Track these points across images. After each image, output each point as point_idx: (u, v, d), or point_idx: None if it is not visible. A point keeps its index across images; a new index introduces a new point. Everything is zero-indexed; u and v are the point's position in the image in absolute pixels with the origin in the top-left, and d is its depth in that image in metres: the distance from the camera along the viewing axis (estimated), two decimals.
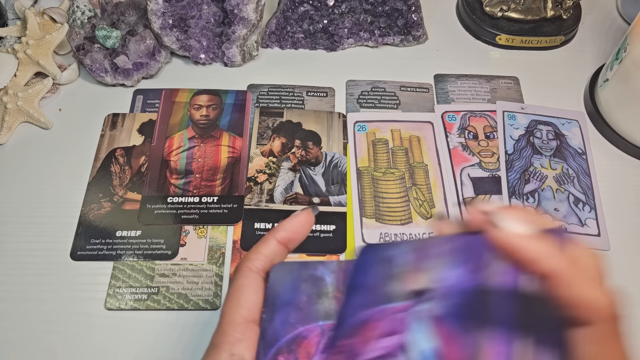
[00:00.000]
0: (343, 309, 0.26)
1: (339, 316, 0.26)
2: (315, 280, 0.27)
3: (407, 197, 0.50)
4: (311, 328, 0.25)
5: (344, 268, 0.27)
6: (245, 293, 0.26)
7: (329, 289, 0.26)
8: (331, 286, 0.26)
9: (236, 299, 0.26)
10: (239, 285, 0.27)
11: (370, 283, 0.26)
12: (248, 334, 0.25)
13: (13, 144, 0.53)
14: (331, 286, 0.26)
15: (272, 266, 0.28)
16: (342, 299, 0.27)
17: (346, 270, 0.26)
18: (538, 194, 0.50)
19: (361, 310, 0.25)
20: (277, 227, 0.29)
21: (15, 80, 0.54)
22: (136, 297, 0.44)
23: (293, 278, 0.27)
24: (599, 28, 0.64)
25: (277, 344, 0.25)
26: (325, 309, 0.26)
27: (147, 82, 0.57)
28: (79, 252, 0.46)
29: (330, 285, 0.26)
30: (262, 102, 0.56)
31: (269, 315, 0.26)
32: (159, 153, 0.52)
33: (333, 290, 0.26)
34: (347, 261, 0.27)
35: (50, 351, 0.41)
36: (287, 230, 0.29)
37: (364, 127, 0.54)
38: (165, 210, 0.48)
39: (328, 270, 0.27)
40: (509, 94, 0.57)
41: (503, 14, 0.61)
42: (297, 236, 0.29)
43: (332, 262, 0.27)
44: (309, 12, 0.59)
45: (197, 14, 0.56)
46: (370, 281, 0.26)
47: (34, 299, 0.44)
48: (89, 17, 0.59)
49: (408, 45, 0.61)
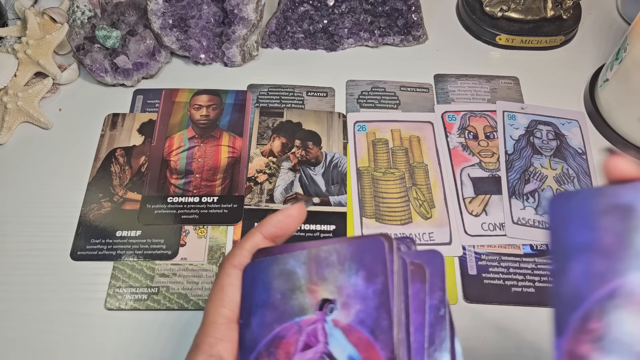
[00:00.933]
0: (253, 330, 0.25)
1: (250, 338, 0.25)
2: (287, 275, 0.26)
3: (407, 197, 0.50)
4: (288, 326, 0.25)
5: (314, 257, 0.26)
6: (229, 292, 0.26)
7: (301, 281, 0.25)
8: (304, 279, 0.25)
9: (219, 299, 0.26)
10: (222, 283, 0.26)
11: (274, 299, 0.25)
12: (229, 334, 0.25)
13: (13, 144, 0.53)
14: (304, 279, 0.25)
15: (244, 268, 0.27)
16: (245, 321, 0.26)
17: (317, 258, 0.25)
18: (538, 194, 0.50)
19: (274, 327, 0.25)
20: (264, 221, 0.28)
21: (15, 80, 0.54)
22: (136, 297, 0.44)
23: (265, 276, 0.26)
24: (599, 28, 0.64)
25: (256, 348, 0.25)
26: (300, 303, 0.25)
27: (147, 82, 0.57)
28: (79, 252, 0.46)
29: (303, 278, 0.25)
30: (262, 102, 0.56)
31: (246, 319, 0.26)
32: (159, 153, 0.52)
33: (306, 282, 0.25)
34: (316, 249, 0.26)
35: (50, 351, 0.41)
36: (274, 225, 0.28)
37: (364, 127, 0.54)
38: (165, 210, 0.48)
39: (299, 262, 0.26)
40: (509, 94, 0.57)
41: (503, 14, 0.61)
42: (284, 232, 0.28)
43: (302, 252, 0.26)
44: (309, 12, 0.59)
45: (197, 14, 0.56)
46: (274, 297, 0.25)
47: (34, 299, 0.44)
48: (89, 17, 0.59)
49: (408, 45, 0.61)
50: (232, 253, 0.27)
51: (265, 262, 0.27)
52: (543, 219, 0.48)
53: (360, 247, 0.25)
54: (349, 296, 0.24)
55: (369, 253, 0.24)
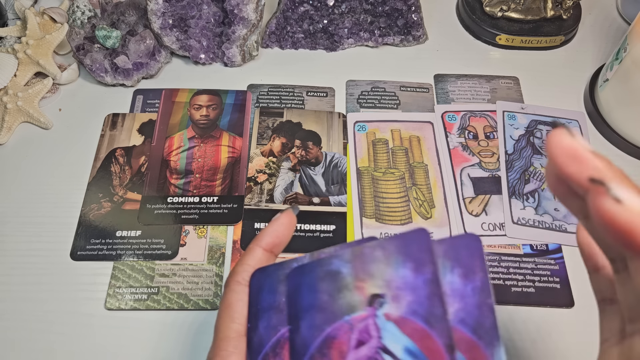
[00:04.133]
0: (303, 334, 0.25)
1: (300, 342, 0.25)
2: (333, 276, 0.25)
3: (407, 197, 0.50)
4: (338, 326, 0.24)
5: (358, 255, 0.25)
6: (237, 307, 0.27)
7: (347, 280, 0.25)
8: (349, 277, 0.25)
9: (229, 315, 0.26)
10: (230, 300, 0.27)
11: (321, 301, 0.25)
12: (240, 347, 0.26)
13: (13, 144, 0.53)
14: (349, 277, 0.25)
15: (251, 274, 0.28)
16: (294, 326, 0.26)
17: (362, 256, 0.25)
18: (538, 194, 0.50)
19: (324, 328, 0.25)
20: (259, 234, 0.29)
21: (15, 80, 0.54)
22: (136, 297, 0.44)
23: (271, 281, 0.27)
24: (599, 28, 0.64)
25: (263, 350, 0.25)
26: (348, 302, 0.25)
27: (147, 82, 0.57)
28: (79, 252, 0.46)
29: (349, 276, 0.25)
30: (262, 102, 0.56)
31: (253, 323, 0.26)
32: (159, 153, 0.52)
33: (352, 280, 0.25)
34: (319, 252, 0.26)
35: (50, 351, 0.41)
36: (270, 235, 0.28)
37: (364, 127, 0.54)
38: (165, 210, 0.48)
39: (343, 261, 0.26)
40: (509, 94, 0.57)
41: (503, 14, 0.61)
42: (281, 240, 0.29)
43: (345, 251, 0.26)
44: (309, 12, 0.59)
45: (197, 14, 0.56)
46: (321, 299, 0.25)
47: (34, 299, 0.44)
48: (89, 17, 0.59)
49: (408, 45, 0.61)
50: (235, 270, 0.28)
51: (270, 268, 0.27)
52: (543, 219, 0.48)
53: (404, 239, 0.24)
54: (399, 288, 0.24)
55: (415, 244, 0.24)
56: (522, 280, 0.45)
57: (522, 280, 0.45)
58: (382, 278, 0.24)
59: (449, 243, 0.24)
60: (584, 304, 0.44)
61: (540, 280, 0.45)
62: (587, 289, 0.45)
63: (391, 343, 0.23)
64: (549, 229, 0.48)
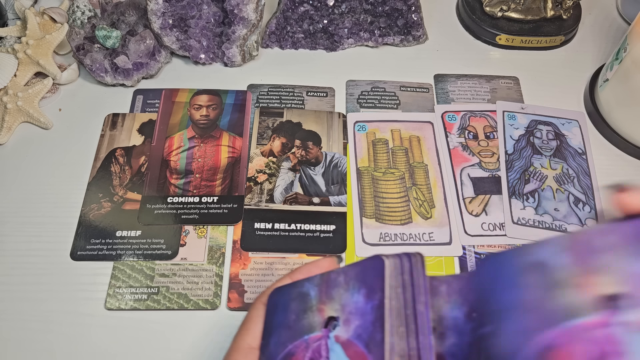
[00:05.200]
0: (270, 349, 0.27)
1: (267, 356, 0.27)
2: (302, 297, 0.28)
3: (407, 197, 0.50)
4: (298, 344, 0.26)
5: (325, 279, 0.27)
6: (254, 323, 0.29)
7: (313, 302, 0.27)
8: (315, 299, 0.27)
9: (246, 329, 0.29)
10: (250, 316, 0.30)
11: (289, 319, 0.27)
12: (249, 358, 0.28)
13: (13, 144, 0.53)
14: (315, 299, 0.27)
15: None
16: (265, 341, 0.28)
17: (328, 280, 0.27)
18: (538, 194, 0.50)
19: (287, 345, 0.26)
20: (297, 269, 0.31)
21: (15, 80, 0.54)
22: (136, 297, 0.44)
23: (284, 300, 0.28)
24: (599, 28, 0.64)
25: None
26: (309, 322, 0.27)
27: (147, 82, 0.57)
28: (79, 252, 0.46)
29: (315, 299, 0.27)
30: (262, 102, 0.56)
31: (266, 340, 0.28)
32: (159, 153, 0.52)
33: (317, 302, 0.27)
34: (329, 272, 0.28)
35: (50, 351, 0.41)
36: (305, 274, 0.31)
37: (364, 127, 0.54)
38: (165, 210, 0.48)
39: (312, 285, 0.28)
40: (509, 94, 0.57)
41: (503, 14, 0.61)
42: None
43: (316, 276, 0.28)
44: (309, 12, 0.59)
45: (197, 14, 0.56)
46: (290, 317, 0.27)
47: (34, 299, 0.44)
48: (89, 17, 0.59)
49: (408, 45, 0.61)
50: (263, 292, 0.31)
51: (286, 287, 0.29)
52: (543, 219, 0.48)
53: (363, 266, 0.26)
54: (351, 313, 0.25)
55: (370, 271, 0.25)
56: None
57: None
58: (340, 302, 0.26)
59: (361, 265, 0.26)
60: None
61: None
62: None
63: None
64: (549, 229, 0.48)
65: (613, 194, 0.20)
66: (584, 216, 0.49)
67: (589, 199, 0.50)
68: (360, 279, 0.26)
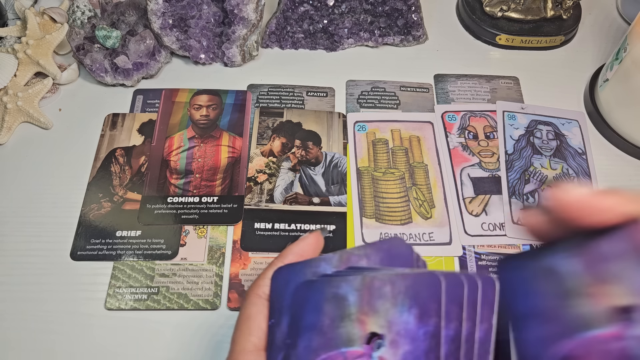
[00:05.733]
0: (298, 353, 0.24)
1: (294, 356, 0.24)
2: (339, 301, 0.24)
3: (407, 197, 0.50)
4: (334, 355, 0.24)
5: (368, 285, 0.24)
6: (256, 321, 0.26)
7: (352, 310, 0.24)
8: (354, 307, 0.24)
9: (247, 327, 0.26)
10: (248, 313, 0.27)
11: (322, 324, 0.24)
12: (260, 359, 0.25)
13: (13, 144, 0.53)
14: (354, 307, 0.24)
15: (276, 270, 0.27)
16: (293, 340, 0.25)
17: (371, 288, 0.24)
18: (538, 194, 0.50)
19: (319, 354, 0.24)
20: (285, 251, 0.28)
21: (15, 80, 0.54)
22: (136, 297, 0.44)
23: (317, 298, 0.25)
24: (599, 28, 0.64)
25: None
26: (348, 333, 0.24)
27: (147, 82, 0.57)
28: (79, 252, 0.46)
29: (354, 306, 0.24)
30: (262, 102, 0.56)
31: (293, 340, 0.25)
32: (159, 153, 0.52)
33: (357, 311, 0.24)
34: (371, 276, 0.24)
35: (50, 351, 0.41)
36: (295, 254, 0.28)
37: (364, 127, 0.54)
38: (165, 210, 0.48)
39: (352, 289, 0.24)
40: (509, 94, 0.57)
41: (503, 14, 0.61)
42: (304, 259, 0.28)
43: (356, 277, 0.24)
44: (309, 12, 0.59)
45: (197, 14, 0.56)
46: (323, 322, 0.24)
47: (34, 299, 0.44)
48: (89, 17, 0.59)
49: (408, 45, 0.61)
50: (256, 283, 0.27)
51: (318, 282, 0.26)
52: None
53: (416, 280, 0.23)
54: (399, 334, 0.23)
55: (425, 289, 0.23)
56: None
57: None
58: (386, 318, 0.23)
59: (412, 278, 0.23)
60: None
61: None
62: None
63: None
64: None
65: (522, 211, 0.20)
66: None
67: None
68: (411, 296, 0.23)
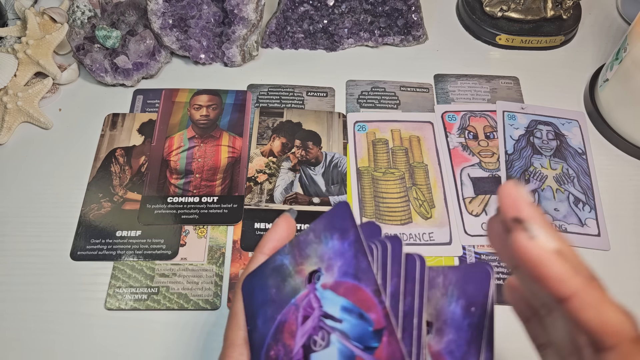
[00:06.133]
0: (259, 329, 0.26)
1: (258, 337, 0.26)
2: (278, 269, 0.27)
3: (407, 197, 0.50)
4: (286, 311, 0.26)
5: (295, 243, 0.27)
6: (243, 316, 0.28)
7: (289, 268, 0.27)
8: (291, 265, 0.27)
9: (235, 323, 0.28)
10: (236, 309, 0.28)
11: (271, 294, 0.27)
12: (246, 352, 0.27)
13: (13, 144, 0.53)
14: (291, 265, 0.27)
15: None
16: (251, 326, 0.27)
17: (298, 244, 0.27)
18: (538, 194, 0.50)
19: (275, 317, 0.26)
20: (261, 241, 0.30)
21: (15, 80, 0.54)
22: (136, 297, 0.44)
23: (260, 281, 0.28)
24: (599, 28, 0.64)
25: (264, 343, 0.26)
26: (292, 286, 0.26)
27: (147, 82, 0.57)
28: (79, 252, 0.46)
29: (290, 265, 0.27)
30: (262, 102, 0.56)
31: (252, 324, 0.27)
32: (159, 153, 0.52)
33: (294, 266, 0.27)
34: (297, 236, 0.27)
35: (50, 351, 0.41)
36: (271, 240, 0.29)
37: (364, 127, 0.54)
38: (165, 210, 0.48)
39: (284, 255, 0.27)
40: (509, 94, 0.57)
41: (503, 14, 0.61)
42: (283, 243, 0.29)
43: (285, 246, 0.28)
44: (309, 12, 0.59)
45: (197, 14, 0.56)
46: (271, 293, 0.27)
47: (34, 299, 0.44)
48: (89, 17, 0.59)
49: (408, 45, 0.61)
50: (240, 279, 0.29)
51: (257, 270, 0.28)
52: None
53: (329, 216, 0.27)
54: (330, 258, 0.25)
55: (338, 217, 0.26)
56: None
57: None
58: (317, 255, 0.26)
59: (325, 217, 0.26)
60: None
61: None
62: None
63: (330, 307, 0.25)
64: None
65: None
66: (584, 216, 0.49)
67: (588, 199, 0.50)
68: (330, 227, 0.26)
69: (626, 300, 0.48)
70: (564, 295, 0.20)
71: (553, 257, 0.19)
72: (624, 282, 0.45)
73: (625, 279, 0.45)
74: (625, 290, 0.45)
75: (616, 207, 0.50)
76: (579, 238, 0.47)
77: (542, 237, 0.20)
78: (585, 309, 0.20)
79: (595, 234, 0.48)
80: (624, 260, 0.47)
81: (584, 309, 0.20)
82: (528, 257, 0.20)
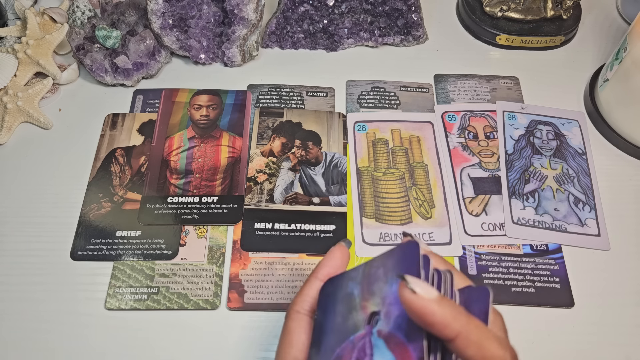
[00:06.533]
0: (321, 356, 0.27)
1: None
2: (348, 297, 0.27)
3: (407, 197, 0.50)
4: (345, 346, 0.26)
5: (366, 274, 0.27)
6: (296, 335, 0.29)
7: (356, 300, 0.27)
8: (358, 297, 0.27)
9: (288, 341, 0.29)
10: (289, 328, 0.29)
11: (337, 322, 0.27)
12: None
13: (13, 144, 0.53)
14: (358, 297, 0.27)
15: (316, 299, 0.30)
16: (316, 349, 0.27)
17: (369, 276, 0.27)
18: (538, 194, 0.50)
19: (335, 350, 0.26)
20: (317, 267, 0.31)
21: (15, 80, 0.54)
22: (136, 297, 0.44)
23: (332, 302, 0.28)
24: (599, 28, 0.64)
25: None
26: (354, 321, 0.26)
27: (147, 82, 0.57)
28: (79, 252, 0.46)
29: (358, 297, 0.27)
30: (262, 102, 0.56)
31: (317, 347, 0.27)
32: (159, 153, 0.52)
33: (360, 300, 0.27)
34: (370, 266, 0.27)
35: (50, 351, 0.41)
36: (327, 267, 0.31)
37: (364, 127, 0.54)
38: (165, 210, 0.48)
39: (355, 283, 0.27)
40: (509, 94, 0.57)
41: (503, 14, 0.61)
42: (336, 270, 0.31)
43: (357, 269, 0.27)
44: (309, 12, 0.59)
45: (197, 14, 0.56)
46: (338, 320, 0.27)
47: (34, 299, 0.44)
48: (89, 17, 0.59)
49: (408, 45, 0.61)
50: (294, 301, 0.30)
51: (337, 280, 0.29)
52: (543, 219, 0.48)
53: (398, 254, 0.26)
54: (390, 303, 0.25)
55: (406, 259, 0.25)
56: (522, 280, 0.45)
57: (522, 280, 0.45)
58: (380, 295, 0.26)
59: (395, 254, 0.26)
60: (584, 304, 0.44)
61: (540, 280, 0.45)
62: (587, 289, 0.45)
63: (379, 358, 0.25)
64: (549, 229, 0.48)
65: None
66: (584, 216, 0.49)
67: (589, 199, 0.50)
68: (397, 269, 0.25)
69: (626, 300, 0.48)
70: (450, 337, 0.22)
71: (434, 305, 0.22)
72: (624, 282, 0.45)
73: (625, 279, 0.45)
74: (625, 290, 0.45)
75: (616, 207, 0.50)
76: (579, 238, 0.47)
77: (422, 289, 0.23)
78: (469, 347, 0.22)
79: (595, 234, 0.48)
80: (624, 260, 0.47)
81: (468, 347, 0.22)
82: (414, 307, 0.22)
